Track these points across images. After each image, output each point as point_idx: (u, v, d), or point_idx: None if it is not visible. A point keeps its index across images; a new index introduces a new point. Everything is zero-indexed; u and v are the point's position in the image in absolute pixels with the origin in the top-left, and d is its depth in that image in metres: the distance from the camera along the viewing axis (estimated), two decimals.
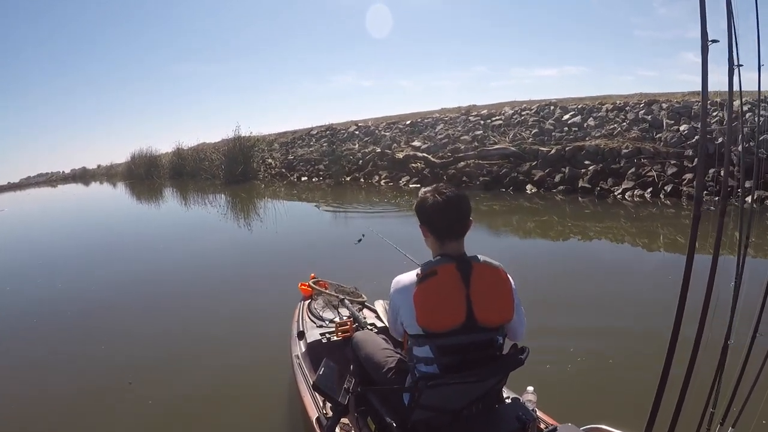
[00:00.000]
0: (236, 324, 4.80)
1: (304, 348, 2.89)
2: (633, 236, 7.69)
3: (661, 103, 12.62)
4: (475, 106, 18.69)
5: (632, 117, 12.26)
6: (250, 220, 12.04)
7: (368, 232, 5.36)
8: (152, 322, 5.13)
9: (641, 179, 10.19)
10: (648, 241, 7.39)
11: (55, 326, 5.25)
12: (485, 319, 1.67)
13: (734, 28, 1.65)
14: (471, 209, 1.79)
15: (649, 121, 11.75)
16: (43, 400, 3.64)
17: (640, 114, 12.23)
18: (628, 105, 13.09)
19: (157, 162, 27.03)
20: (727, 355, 1.92)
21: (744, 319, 1.90)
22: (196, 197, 18.34)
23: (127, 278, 7.00)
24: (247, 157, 20.22)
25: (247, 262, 7.52)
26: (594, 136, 12.01)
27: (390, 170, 15.28)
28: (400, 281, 1.77)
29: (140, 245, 9.74)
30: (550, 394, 2.50)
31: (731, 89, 1.70)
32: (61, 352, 4.51)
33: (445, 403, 1.74)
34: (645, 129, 11.54)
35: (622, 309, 4.55)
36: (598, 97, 15.10)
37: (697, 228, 1.73)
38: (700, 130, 1.90)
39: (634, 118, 12.18)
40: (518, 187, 11.64)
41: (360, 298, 3.53)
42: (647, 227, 8.15)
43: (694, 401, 1.86)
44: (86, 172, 41.69)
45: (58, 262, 8.73)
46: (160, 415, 3.30)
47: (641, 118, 12.07)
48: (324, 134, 21.37)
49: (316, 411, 2.34)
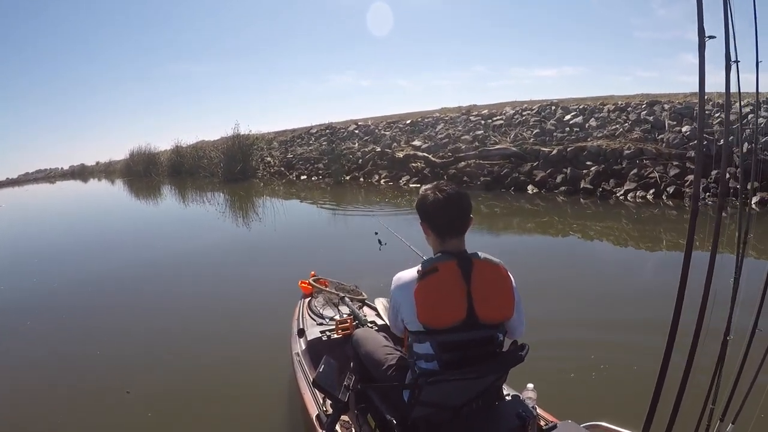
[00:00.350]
0: (236, 321, 4.79)
1: (304, 345, 2.89)
2: (634, 236, 7.65)
3: (663, 103, 12.56)
4: (475, 105, 18.63)
5: (634, 118, 12.19)
6: (250, 219, 11.99)
7: (378, 228, 5.35)
8: (151, 320, 5.11)
9: (643, 180, 10.11)
10: (649, 242, 7.38)
11: (51, 326, 5.17)
12: (486, 315, 1.67)
13: (731, 23, 1.64)
14: (471, 206, 1.79)
15: (651, 122, 11.68)
16: (39, 400, 3.61)
17: (642, 115, 12.17)
18: (630, 106, 13.03)
19: (155, 159, 26.97)
20: (726, 351, 1.91)
21: (743, 315, 1.89)
22: (195, 195, 18.29)
23: (126, 276, 6.94)
24: (246, 155, 20.13)
25: (247, 260, 7.48)
26: (596, 136, 11.94)
27: (390, 170, 15.20)
28: (401, 278, 1.77)
29: (138, 243, 9.67)
30: (550, 391, 2.50)
31: (728, 85, 1.71)
32: (58, 352, 4.45)
33: (445, 400, 1.73)
34: (647, 130, 11.47)
35: (621, 306, 4.56)
36: (599, 98, 15.05)
37: (695, 222, 1.74)
38: (698, 123, 1.94)
39: (636, 119, 12.11)
40: (519, 188, 11.56)
41: (360, 296, 3.53)
42: (649, 228, 8.10)
43: (693, 397, 1.86)
44: (84, 169, 41.85)
45: (54, 260, 8.67)
46: (160, 412, 3.29)
47: (643, 118, 12.00)
48: (324, 133, 21.28)
49: (316, 408, 2.34)
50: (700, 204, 1.80)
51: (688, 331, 1.77)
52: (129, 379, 3.71)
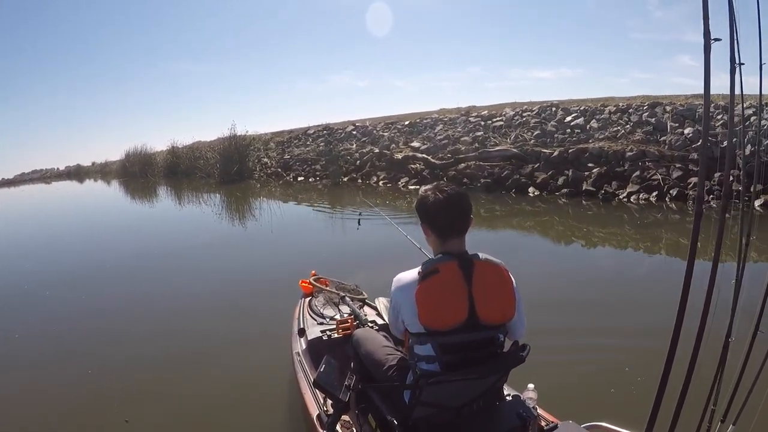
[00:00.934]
0: (236, 321, 4.76)
1: (304, 345, 2.88)
2: (636, 238, 7.54)
3: (665, 105, 12.44)
4: (474, 106, 18.47)
5: (636, 119, 12.06)
6: (249, 219, 11.81)
7: (385, 224, 5.28)
8: (150, 320, 5.07)
9: (646, 183, 9.98)
10: (651, 244, 7.30)
11: (49, 329, 5.04)
12: (487, 317, 1.66)
13: (735, 26, 1.63)
14: (472, 207, 1.78)
15: (653, 124, 11.55)
16: (39, 406, 3.51)
17: (644, 116, 12.04)
18: (631, 107, 12.91)
19: (151, 160, 26.70)
20: (728, 353, 1.91)
21: (745, 317, 1.89)
22: (192, 196, 18.06)
23: (123, 275, 6.90)
24: (242, 156, 19.90)
25: (247, 261, 7.42)
26: (597, 138, 11.80)
27: (388, 171, 15.01)
28: (402, 279, 1.75)
29: (134, 244, 9.44)
30: (551, 391, 2.50)
31: (733, 87, 1.71)
32: (53, 354, 4.37)
33: (446, 401, 1.73)
34: (649, 132, 11.33)
35: (623, 307, 4.54)
36: (599, 99, 14.92)
37: (699, 224, 1.73)
38: (703, 125, 1.92)
39: (637, 121, 11.98)
40: (520, 190, 11.38)
41: (361, 296, 3.52)
42: (651, 230, 7.99)
43: (695, 399, 1.86)
44: (80, 170, 41.69)
45: (48, 265, 8.35)
46: (160, 413, 3.28)
47: (645, 120, 11.88)
48: (321, 134, 21.09)
49: (317, 408, 2.34)
50: (703, 206, 1.79)
51: (690, 333, 1.77)
52: (128, 381, 3.69)
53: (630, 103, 13.36)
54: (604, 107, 13.50)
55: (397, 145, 16.27)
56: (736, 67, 1.68)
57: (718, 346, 1.90)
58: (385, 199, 12.58)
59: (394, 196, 12.87)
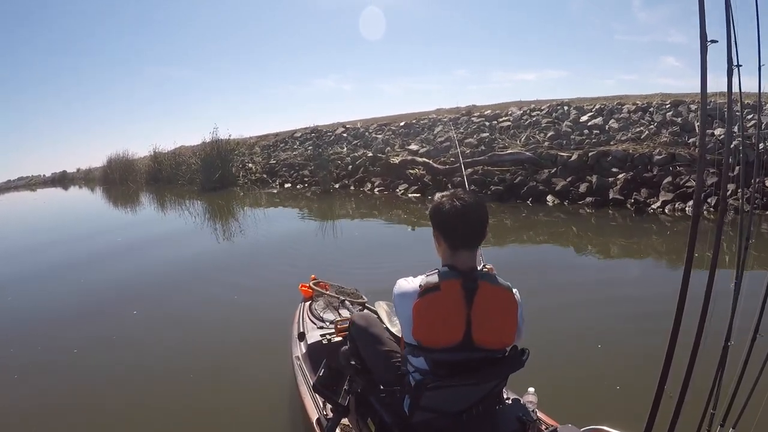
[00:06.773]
0: (235, 326, 4.75)
1: (304, 349, 2.89)
2: (660, 251, 7.05)
3: (689, 104, 11.30)
4: (476, 106, 17.25)
5: (659, 119, 10.91)
6: (241, 225, 11.03)
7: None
8: (149, 326, 5.00)
9: (680, 190, 8.77)
10: (652, 249, 7.16)
11: (47, 327, 5.08)
12: (483, 341, 1.60)
13: (732, 27, 1.63)
14: (489, 218, 1.68)
15: (680, 124, 10.40)
16: (35, 409, 3.48)
17: (668, 116, 10.89)
18: (652, 106, 11.76)
19: (132, 167, 25.27)
20: (727, 356, 1.88)
21: (744, 320, 1.86)
22: (174, 204, 16.83)
23: (120, 286, 6.55)
24: (225, 161, 18.42)
25: (245, 266, 7.24)
26: (619, 140, 10.58)
27: (384, 176, 13.63)
28: (402, 287, 1.67)
29: (125, 254, 8.70)
30: (550, 395, 2.49)
31: (730, 89, 1.70)
32: (49, 363, 4.26)
33: (446, 406, 1.70)
34: (676, 132, 10.16)
35: (622, 310, 4.52)
36: (616, 97, 13.80)
37: (697, 226, 1.75)
38: (700, 129, 1.95)
39: (661, 120, 10.82)
40: (537, 198, 10.01)
41: (360, 299, 3.48)
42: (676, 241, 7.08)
43: (694, 402, 1.83)
44: (65, 176, 40.51)
45: (31, 277, 7.61)
46: (159, 418, 3.26)
47: (670, 120, 10.72)
48: (309, 137, 19.79)
49: (317, 412, 2.35)
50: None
51: (688, 336, 1.75)
52: (128, 386, 3.69)
53: (649, 101, 12.22)
54: (622, 105, 12.36)
55: (392, 149, 14.98)
56: (734, 69, 1.67)
57: (718, 350, 1.87)
58: (381, 210, 11.30)
59: (391, 205, 11.56)
